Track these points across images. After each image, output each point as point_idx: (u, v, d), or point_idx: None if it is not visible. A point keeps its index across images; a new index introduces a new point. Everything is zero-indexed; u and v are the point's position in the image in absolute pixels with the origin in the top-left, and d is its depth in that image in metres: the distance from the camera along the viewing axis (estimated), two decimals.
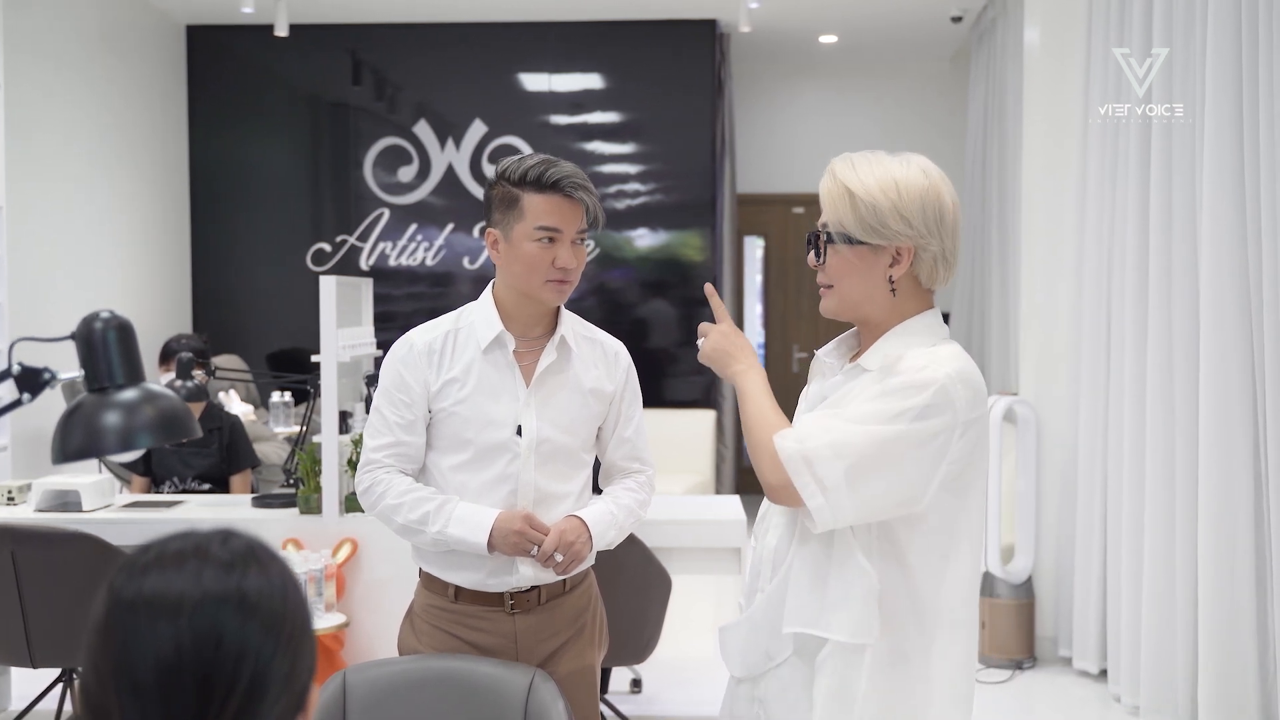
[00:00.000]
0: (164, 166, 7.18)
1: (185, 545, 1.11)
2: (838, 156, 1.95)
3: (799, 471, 1.80)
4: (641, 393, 2.61)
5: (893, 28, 7.54)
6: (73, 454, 1.40)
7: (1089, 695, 4.67)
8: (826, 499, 1.80)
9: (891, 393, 1.81)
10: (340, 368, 3.97)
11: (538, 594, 2.41)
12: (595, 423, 2.49)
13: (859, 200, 1.87)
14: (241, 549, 1.11)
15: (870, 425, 1.80)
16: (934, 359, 1.84)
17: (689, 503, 4.51)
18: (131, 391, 1.43)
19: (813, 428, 1.83)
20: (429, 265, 7.46)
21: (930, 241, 1.88)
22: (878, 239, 1.88)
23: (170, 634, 1.05)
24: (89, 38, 6.30)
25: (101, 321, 1.43)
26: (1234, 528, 3.83)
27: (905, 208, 1.86)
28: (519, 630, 2.40)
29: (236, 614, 1.07)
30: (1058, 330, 5.08)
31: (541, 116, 7.46)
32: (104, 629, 1.07)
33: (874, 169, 1.89)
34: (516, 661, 2.36)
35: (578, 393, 2.45)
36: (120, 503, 4.25)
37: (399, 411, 2.41)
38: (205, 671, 1.05)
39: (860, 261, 1.90)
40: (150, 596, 1.07)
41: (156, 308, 7.01)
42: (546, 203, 2.35)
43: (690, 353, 7.45)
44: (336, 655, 3.88)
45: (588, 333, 2.53)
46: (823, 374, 2.03)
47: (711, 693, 2.48)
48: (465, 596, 2.40)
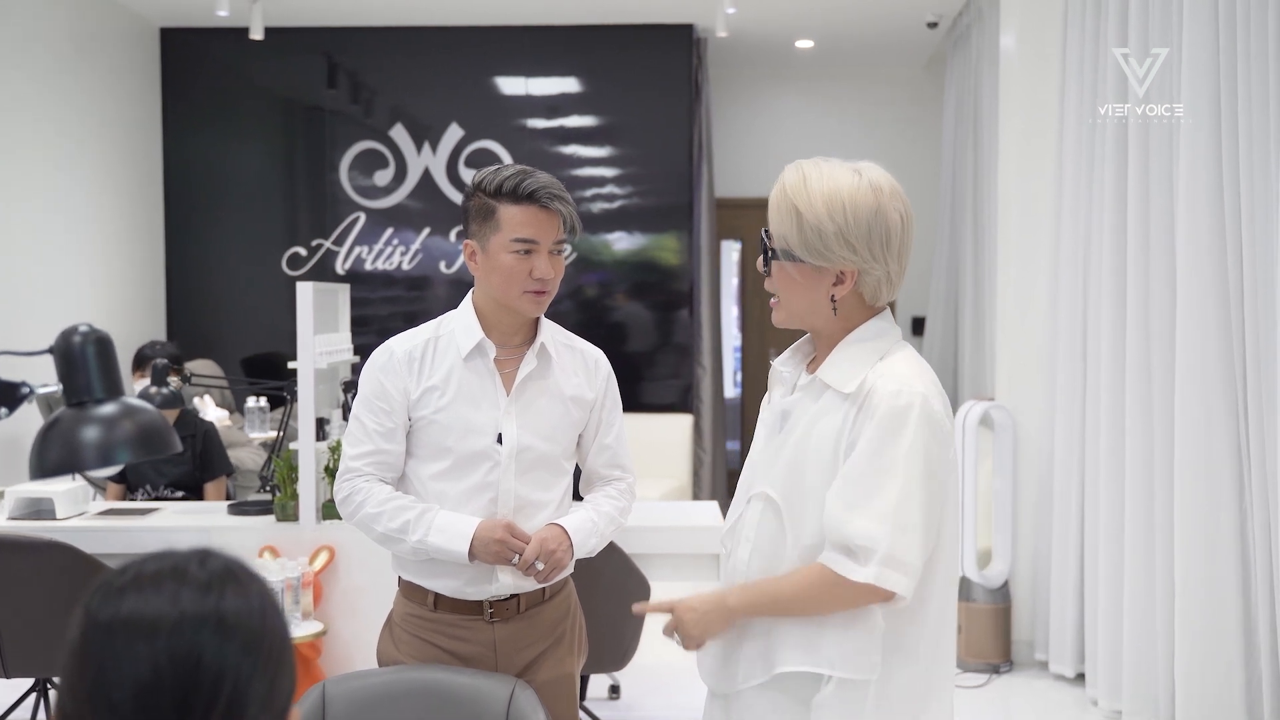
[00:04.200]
0: (138, 170, 7.13)
1: (162, 566, 1.09)
2: (791, 164, 1.93)
3: (893, 582, 1.79)
4: (620, 398, 2.61)
5: (869, 33, 7.56)
6: (51, 469, 1.39)
7: (1065, 699, 4.69)
8: (911, 577, 1.81)
9: (885, 435, 1.81)
10: (317, 374, 3.95)
11: (517, 602, 2.41)
12: (576, 430, 2.49)
13: (805, 221, 1.86)
14: (219, 569, 1.10)
15: (888, 483, 1.80)
16: (902, 381, 1.85)
17: (667, 508, 4.52)
18: (110, 406, 1.41)
19: (869, 527, 1.79)
20: (405, 269, 7.43)
21: (874, 266, 1.88)
22: (822, 261, 1.87)
23: (147, 655, 1.04)
24: (61, 40, 6.24)
25: (80, 335, 1.42)
26: (1215, 529, 3.85)
27: (851, 232, 1.85)
28: (498, 639, 2.39)
29: (214, 635, 1.06)
30: (1034, 334, 5.11)
31: (518, 120, 7.44)
32: (80, 651, 1.06)
33: (824, 186, 1.86)
34: (496, 670, 2.36)
35: (558, 400, 2.45)
36: (94, 511, 4.22)
37: (378, 420, 2.40)
38: (183, 693, 1.04)
39: (804, 279, 1.90)
40: (127, 618, 1.05)
41: (130, 313, 6.96)
42: (523, 214, 2.35)
43: (667, 356, 7.47)
44: (314, 663, 3.86)
45: (568, 341, 2.53)
46: (781, 382, 2.03)
47: (690, 699, 2.48)
48: (444, 605, 2.40)
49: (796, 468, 1.89)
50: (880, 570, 1.78)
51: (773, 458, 1.94)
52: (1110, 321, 4.38)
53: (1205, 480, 3.85)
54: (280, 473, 3.98)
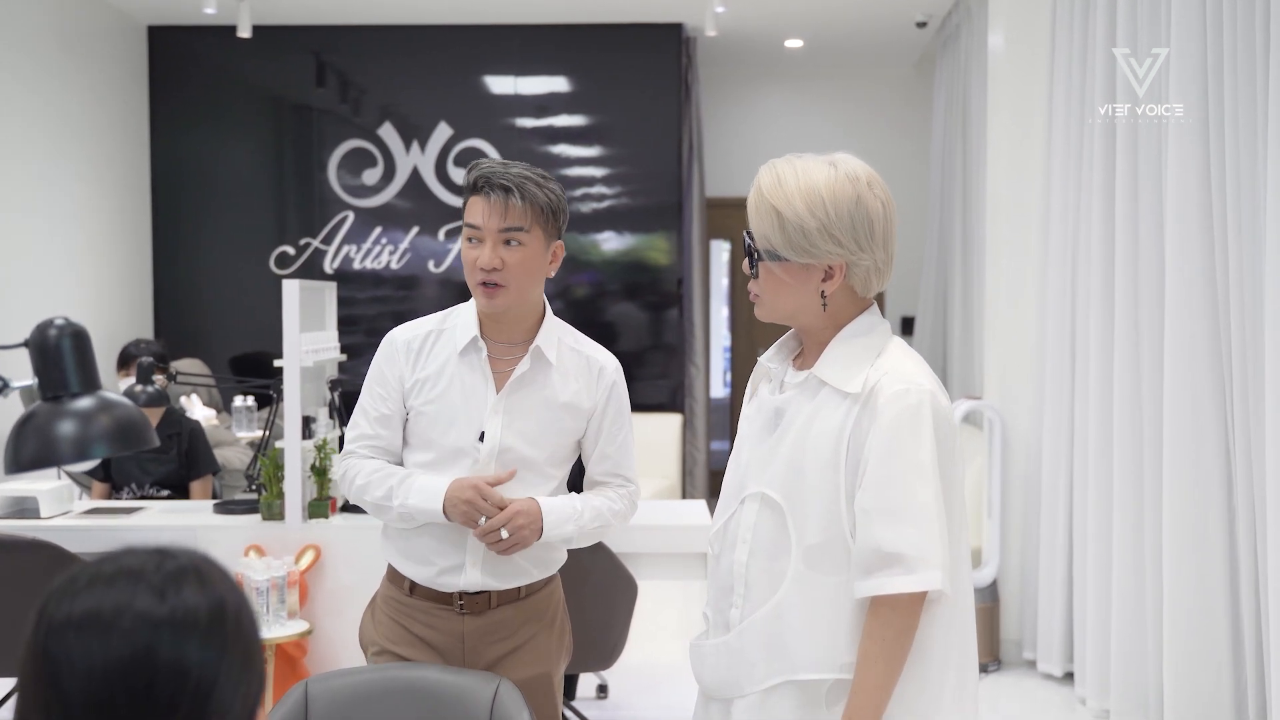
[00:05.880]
0: (125, 169, 7.10)
1: (120, 565, 1.07)
2: (764, 165, 1.91)
3: (940, 580, 1.78)
4: (628, 408, 2.59)
5: (858, 33, 7.56)
6: (26, 464, 1.37)
7: (1054, 698, 4.69)
8: (947, 571, 1.80)
9: (904, 437, 1.80)
10: (303, 372, 3.94)
11: (489, 598, 2.42)
12: (569, 438, 2.47)
13: (786, 221, 1.84)
14: (176, 568, 1.08)
15: (918, 485, 1.79)
16: (909, 380, 1.84)
17: (656, 507, 4.50)
18: (87, 400, 1.40)
19: (910, 534, 1.78)
20: (394, 269, 7.41)
21: (862, 257, 1.86)
22: (808, 258, 1.86)
23: (100, 654, 1.02)
24: (47, 38, 6.21)
25: (56, 329, 1.40)
26: (1203, 528, 3.84)
27: (834, 226, 1.83)
28: (466, 631, 2.41)
29: (170, 633, 1.04)
30: (1023, 334, 5.11)
31: (507, 119, 7.43)
32: (36, 652, 1.04)
33: (801, 182, 1.84)
34: (463, 663, 2.40)
35: (550, 406, 2.43)
36: (79, 509, 4.19)
37: (377, 405, 2.46)
38: (140, 692, 1.02)
39: (791, 278, 1.88)
40: (81, 617, 1.04)
41: (117, 312, 6.93)
42: (472, 204, 2.37)
43: (657, 355, 7.46)
44: (299, 663, 3.84)
45: (576, 344, 2.51)
46: (768, 378, 2.01)
47: (678, 698, 2.48)
48: (419, 593, 2.44)
49: (796, 467, 1.87)
50: (930, 574, 1.77)
51: (768, 457, 1.91)
52: (1099, 320, 4.37)
53: (1193, 479, 3.85)
54: (266, 471, 3.97)
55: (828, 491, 1.84)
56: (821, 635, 1.83)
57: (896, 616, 1.78)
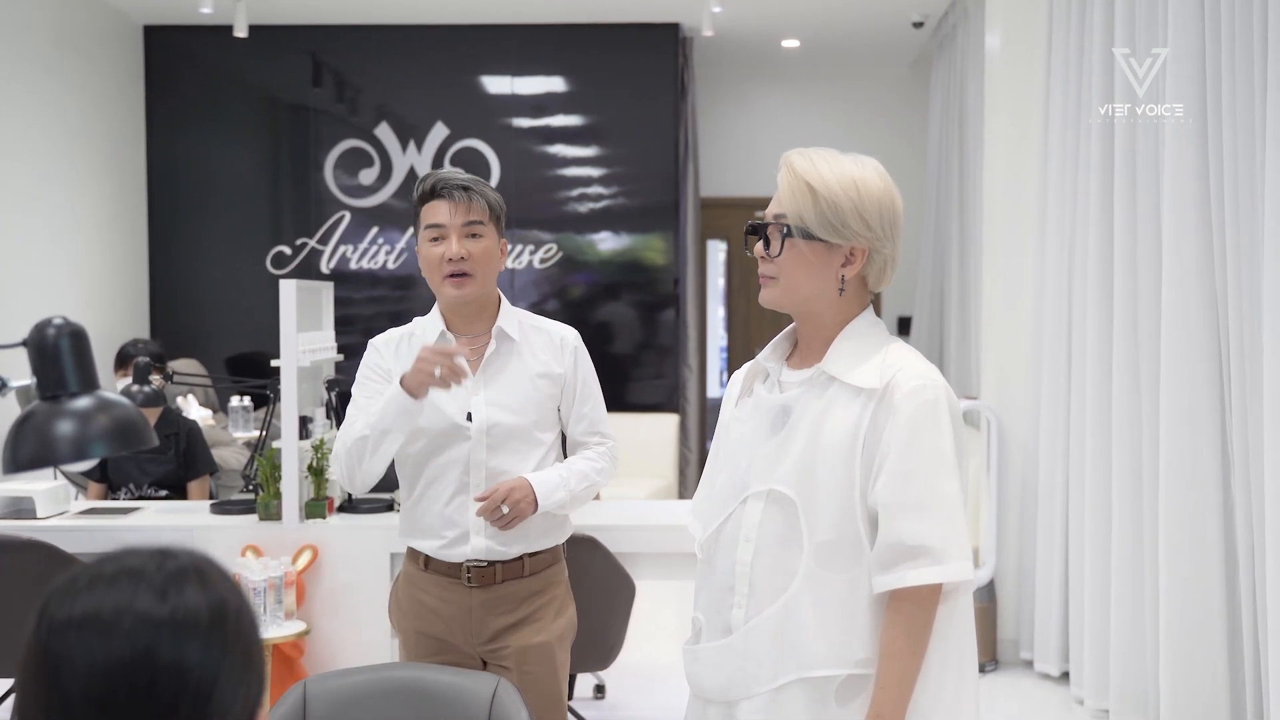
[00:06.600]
0: (121, 169, 7.09)
1: (120, 566, 1.07)
2: (792, 150, 1.94)
3: (967, 570, 1.82)
4: (604, 398, 2.79)
5: (854, 33, 7.56)
6: (24, 464, 1.37)
7: (1051, 698, 4.69)
8: (971, 561, 1.84)
9: (926, 431, 1.83)
10: (300, 372, 3.93)
11: (495, 570, 2.62)
12: (549, 403, 2.69)
13: (820, 197, 1.87)
14: (177, 568, 1.07)
15: (941, 478, 1.83)
16: (924, 376, 1.87)
17: (653, 508, 4.50)
18: (85, 399, 1.39)
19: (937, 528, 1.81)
20: (390, 269, 7.41)
21: (885, 245, 1.91)
22: (836, 238, 1.89)
23: (101, 654, 1.02)
24: (43, 38, 6.20)
25: (54, 328, 1.40)
26: (1200, 527, 3.84)
27: (865, 209, 1.88)
28: (473, 604, 2.61)
29: (171, 633, 1.03)
30: (1019, 334, 5.11)
31: (503, 119, 7.42)
32: (37, 651, 1.04)
33: (833, 166, 1.90)
34: (470, 634, 2.60)
35: (525, 377, 2.65)
36: (76, 510, 4.19)
37: (370, 397, 2.62)
38: (140, 692, 1.02)
39: (815, 258, 1.90)
40: (81, 617, 1.03)
41: (114, 312, 6.91)
42: (430, 208, 2.62)
43: (652, 356, 7.46)
44: (297, 663, 3.83)
45: (535, 324, 2.74)
46: (763, 377, 2.01)
47: (675, 698, 2.47)
48: (433, 566, 2.64)
49: (809, 463, 1.87)
50: (957, 565, 1.81)
51: (776, 455, 1.91)
52: (1096, 320, 4.38)
53: (1190, 479, 3.85)
54: (263, 472, 3.96)
55: (841, 488, 1.85)
56: (834, 631, 1.84)
57: (919, 610, 1.81)
